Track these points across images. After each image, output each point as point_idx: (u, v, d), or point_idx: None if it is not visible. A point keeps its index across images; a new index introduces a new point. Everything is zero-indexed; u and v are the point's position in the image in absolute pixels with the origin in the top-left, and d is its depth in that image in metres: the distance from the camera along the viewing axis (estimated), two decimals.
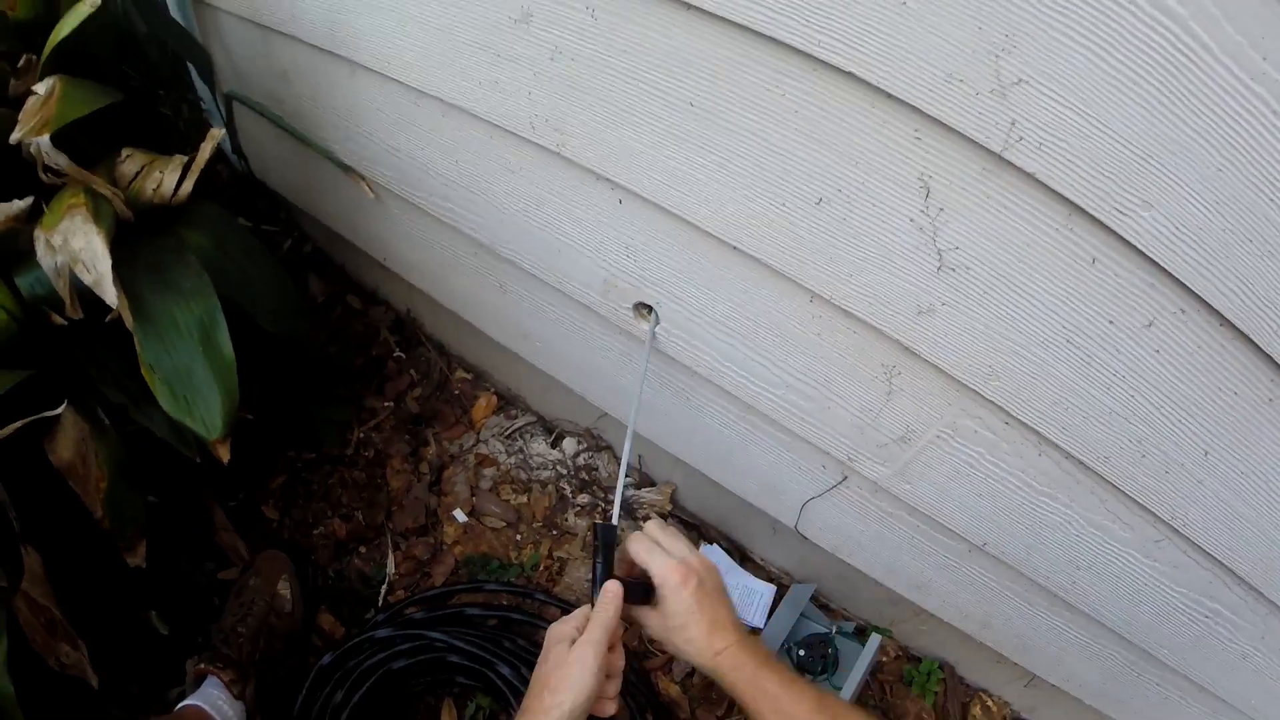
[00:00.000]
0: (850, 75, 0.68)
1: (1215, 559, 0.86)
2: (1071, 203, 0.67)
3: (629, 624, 0.87)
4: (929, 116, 0.67)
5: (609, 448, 1.58)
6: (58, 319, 1.03)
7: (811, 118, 0.74)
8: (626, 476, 1.48)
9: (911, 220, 0.75)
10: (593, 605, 0.82)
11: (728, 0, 0.71)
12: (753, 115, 0.77)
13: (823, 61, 0.69)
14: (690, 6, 0.74)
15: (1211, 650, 0.97)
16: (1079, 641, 1.07)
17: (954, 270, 0.76)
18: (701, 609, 0.82)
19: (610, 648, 0.80)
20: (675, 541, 0.86)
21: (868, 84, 0.68)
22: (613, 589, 0.81)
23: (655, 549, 0.84)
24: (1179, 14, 0.55)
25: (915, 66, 0.65)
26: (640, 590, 0.84)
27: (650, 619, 0.85)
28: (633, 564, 0.85)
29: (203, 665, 1.18)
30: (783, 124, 0.76)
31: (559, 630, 0.81)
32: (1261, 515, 0.81)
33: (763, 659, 0.82)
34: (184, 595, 1.35)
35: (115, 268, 0.94)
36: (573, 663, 0.77)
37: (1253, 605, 0.90)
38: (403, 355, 1.69)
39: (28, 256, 1.00)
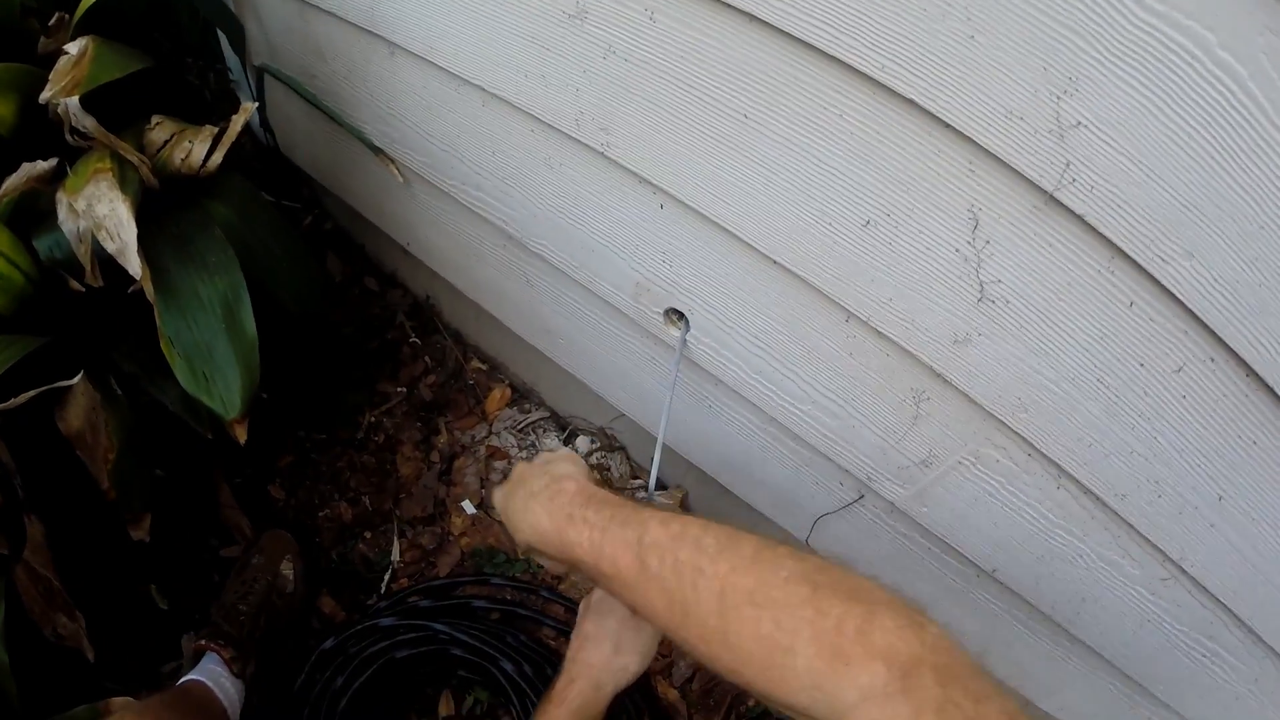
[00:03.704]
0: (910, 102, 0.69)
1: (1219, 600, 0.88)
2: (1116, 246, 0.68)
3: None
4: (985, 150, 0.68)
5: (623, 449, 1.59)
6: (75, 285, 1.02)
7: (866, 140, 0.75)
8: (636, 479, 1.50)
9: (957, 250, 0.76)
10: None
11: (794, 16, 0.72)
12: (807, 132, 0.78)
13: (884, 86, 0.70)
14: (754, 19, 0.74)
15: (1206, 689, 0.97)
16: (1078, 671, 1.08)
17: (994, 302, 0.77)
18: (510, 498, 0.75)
19: None
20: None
21: (927, 112, 0.69)
22: None
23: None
24: (1239, 73, 0.56)
25: (977, 100, 0.66)
26: None
27: None
28: None
29: (202, 641, 1.19)
30: (837, 144, 0.77)
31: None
32: (1267, 561, 0.83)
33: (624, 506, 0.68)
34: (185, 571, 1.36)
35: (139, 237, 0.94)
36: (644, 628, 0.79)
37: (1250, 648, 0.91)
38: (418, 341, 1.70)
39: (48, 219, 1.00)
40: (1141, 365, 0.74)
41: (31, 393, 0.96)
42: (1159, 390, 0.74)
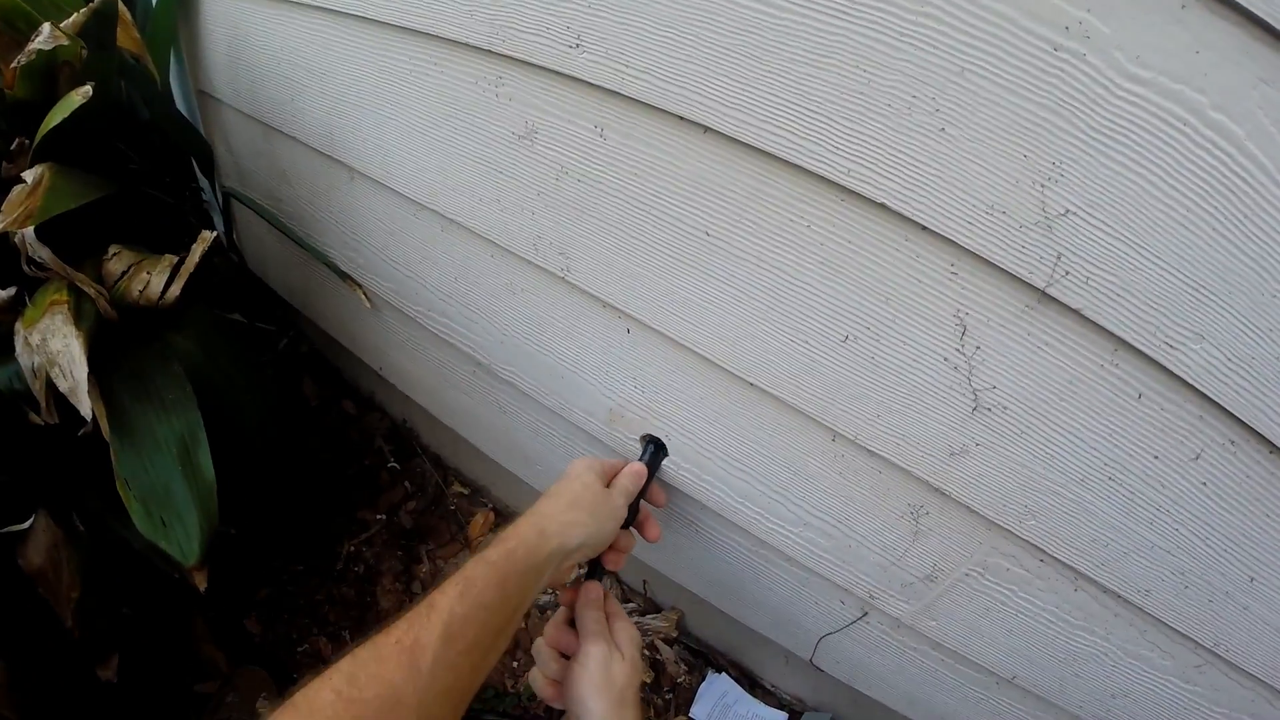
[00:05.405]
0: (882, 206, 0.62)
1: (1257, 679, 0.78)
2: (1118, 338, 0.60)
3: None
4: (967, 250, 0.61)
5: (611, 572, 1.46)
6: (35, 418, 0.95)
7: (838, 251, 0.67)
8: (628, 602, 1.38)
9: (946, 359, 0.67)
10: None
11: (749, 125, 0.65)
12: (774, 247, 0.71)
13: (851, 191, 0.62)
14: (708, 130, 0.68)
15: None
16: None
17: (990, 410, 0.68)
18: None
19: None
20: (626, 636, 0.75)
21: (900, 215, 0.62)
22: (637, 469, 0.86)
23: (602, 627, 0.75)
24: (1235, 133, 0.50)
25: (953, 197, 0.59)
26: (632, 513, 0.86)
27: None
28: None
29: None
30: (807, 257, 0.69)
31: (588, 462, 0.81)
32: None
33: None
34: (158, 709, 1.22)
35: (95, 372, 0.88)
36: (607, 497, 0.78)
37: None
38: (397, 466, 1.58)
39: (7, 350, 0.93)
40: (1156, 458, 0.66)
41: None
42: (1177, 481, 0.66)
